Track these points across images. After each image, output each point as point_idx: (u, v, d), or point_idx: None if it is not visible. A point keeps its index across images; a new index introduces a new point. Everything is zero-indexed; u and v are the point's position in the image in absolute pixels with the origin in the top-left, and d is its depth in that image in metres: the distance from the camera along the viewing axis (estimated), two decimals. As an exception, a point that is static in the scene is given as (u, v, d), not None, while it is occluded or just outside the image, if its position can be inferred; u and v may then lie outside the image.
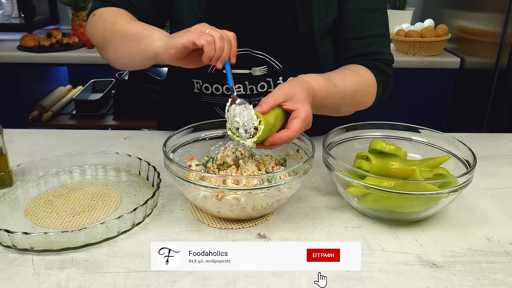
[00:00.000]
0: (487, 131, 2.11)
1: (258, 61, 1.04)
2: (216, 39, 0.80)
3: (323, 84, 0.91)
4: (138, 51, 0.91)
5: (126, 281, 0.70)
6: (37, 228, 0.82)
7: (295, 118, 0.81)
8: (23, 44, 2.34)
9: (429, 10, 2.77)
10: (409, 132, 0.98)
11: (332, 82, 0.94)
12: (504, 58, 2.04)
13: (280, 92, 0.83)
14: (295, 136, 0.81)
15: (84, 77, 2.82)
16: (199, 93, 1.09)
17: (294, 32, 1.01)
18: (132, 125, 2.43)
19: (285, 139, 0.80)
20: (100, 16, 1.02)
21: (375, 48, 1.05)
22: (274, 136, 0.80)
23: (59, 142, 1.19)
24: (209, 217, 0.85)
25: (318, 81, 0.90)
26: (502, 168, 1.09)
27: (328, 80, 0.93)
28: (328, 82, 0.93)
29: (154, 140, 1.19)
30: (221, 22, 1.02)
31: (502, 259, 0.77)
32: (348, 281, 0.70)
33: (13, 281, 0.69)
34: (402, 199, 0.80)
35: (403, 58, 2.31)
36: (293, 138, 0.81)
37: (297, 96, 0.83)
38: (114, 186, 0.96)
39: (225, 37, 0.81)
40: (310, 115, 0.83)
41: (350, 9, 1.04)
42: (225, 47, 0.80)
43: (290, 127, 0.81)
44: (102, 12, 1.02)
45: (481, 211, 0.91)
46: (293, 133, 0.80)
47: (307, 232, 0.83)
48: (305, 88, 0.86)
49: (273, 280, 0.70)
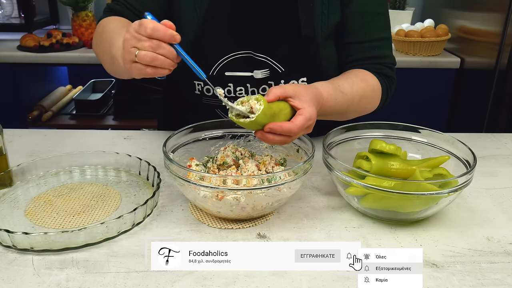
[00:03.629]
0: (487, 131, 2.11)
1: (260, 64, 1.04)
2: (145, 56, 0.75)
3: (332, 94, 0.92)
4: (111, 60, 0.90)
5: (126, 281, 0.70)
6: (37, 228, 0.82)
7: (300, 114, 0.81)
8: (23, 44, 2.34)
9: (429, 10, 2.77)
10: (409, 132, 0.98)
11: (340, 91, 0.94)
12: (504, 58, 2.03)
13: (291, 87, 0.82)
14: (295, 131, 0.80)
15: (84, 77, 2.82)
16: (200, 95, 1.09)
17: (296, 35, 1.01)
18: (132, 125, 2.44)
19: (285, 129, 0.79)
20: (98, 26, 1.03)
21: (378, 51, 1.06)
22: (274, 123, 0.79)
23: (59, 142, 1.19)
24: (209, 217, 0.85)
25: (328, 91, 0.91)
26: (502, 168, 1.09)
27: (337, 89, 0.94)
28: (336, 91, 0.93)
29: (154, 140, 1.19)
30: (223, 24, 1.02)
31: (502, 259, 0.77)
32: (348, 281, 0.70)
33: (13, 281, 0.69)
34: (402, 199, 0.80)
35: (403, 58, 2.31)
36: (293, 132, 0.80)
37: (305, 96, 0.83)
38: (114, 186, 0.96)
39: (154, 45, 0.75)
40: (314, 118, 0.83)
41: (354, 13, 1.04)
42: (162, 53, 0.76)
43: (292, 121, 0.80)
44: (100, 23, 1.03)
45: (481, 211, 0.91)
46: (294, 127, 0.79)
47: (307, 232, 0.83)
48: (316, 96, 0.86)
49: (273, 280, 0.70)
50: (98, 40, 1.01)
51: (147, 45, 0.75)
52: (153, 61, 0.76)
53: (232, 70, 1.04)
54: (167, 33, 0.75)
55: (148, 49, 0.75)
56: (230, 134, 0.99)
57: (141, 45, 0.75)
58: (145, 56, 0.75)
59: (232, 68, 1.04)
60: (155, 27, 0.75)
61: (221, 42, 1.03)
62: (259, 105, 0.78)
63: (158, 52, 0.76)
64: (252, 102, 0.79)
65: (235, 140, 0.99)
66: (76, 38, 2.41)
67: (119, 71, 0.91)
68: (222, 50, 1.03)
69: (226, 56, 1.03)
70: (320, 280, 0.70)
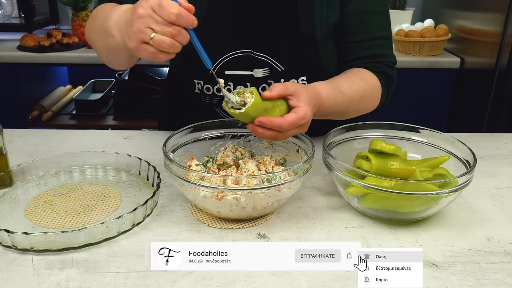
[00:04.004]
0: (487, 131, 2.11)
1: (260, 63, 1.04)
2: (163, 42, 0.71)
3: (331, 94, 0.92)
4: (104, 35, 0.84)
5: (126, 281, 0.70)
6: (37, 228, 0.82)
7: (293, 112, 0.81)
8: (23, 44, 2.34)
9: (429, 10, 2.77)
10: (409, 132, 0.98)
11: (340, 91, 0.94)
12: (504, 58, 2.03)
13: (293, 86, 0.82)
14: (285, 127, 0.79)
15: (84, 77, 2.82)
16: (200, 94, 1.09)
17: (296, 34, 1.01)
18: (132, 125, 2.43)
19: (275, 124, 0.78)
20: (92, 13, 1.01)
21: (378, 50, 1.06)
22: (265, 117, 0.78)
23: (59, 142, 1.19)
24: (209, 217, 0.85)
25: (327, 91, 0.91)
26: (502, 168, 1.09)
27: (336, 89, 0.94)
28: (335, 91, 0.93)
29: (154, 140, 1.19)
30: (223, 24, 1.02)
31: (502, 259, 0.77)
32: (348, 281, 0.70)
33: (13, 281, 0.69)
34: (402, 199, 0.80)
35: (403, 58, 2.31)
36: (283, 128, 0.79)
37: (304, 96, 0.83)
38: (114, 186, 0.96)
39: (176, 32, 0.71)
40: (308, 118, 0.83)
41: (353, 12, 1.04)
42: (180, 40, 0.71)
43: (284, 117, 0.80)
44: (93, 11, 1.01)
45: (481, 211, 0.91)
46: (284, 122, 0.79)
47: (307, 232, 0.83)
48: (314, 96, 0.86)
49: (273, 280, 0.70)
50: (92, 22, 0.96)
51: (167, 30, 0.70)
52: (170, 48, 0.72)
53: (232, 69, 1.04)
54: (190, 20, 0.71)
55: (167, 34, 0.71)
56: (230, 134, 0.99)
57: (161, 29, 0.71)
58: (163, 42, 0.71)
59: (232, 67, 1.04)
60: (180, 14, 0.70)
61: (221, 41, 1.03)
62: (250, 98, 0.79)
63: (176, 39, 0.72)
64: (246, 94, 0.80)
65: (235, 140, 0.99)
66: (76, 38, 2.41)
67: (114, 47, 0.85)
68: (222, 49, 1.03)
69: (226, 55, 1.03)
70: (320, 280, 0.70)
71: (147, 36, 0.72)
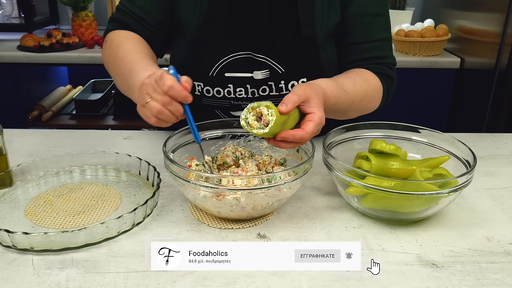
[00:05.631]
0: (487, 131, 2.11)
1: (260, 65, 1.04)
2: (153, 108, 0.78)
3: (335, 91, 0.91)
4: (127, 86, 0.94)
5: (126, 281, 0.70)
6: (37, 228, 0.82)
7: (310, 121, 0.81)
8: (23, 44, 2.34)
9: (429, 10, 2.77)
10: (409, 132, 0.98)
11: (343, 89, 0.94)
12: (504, 58, 2.04)
13: (303, 92, 0.82)
14: (307, 139, 0.80)
15: (84, 77, 2.82)
16: (200, 96, 1.09)
17: (296, 36, 1.01)
18: (132, 125, 2.43)
19: (297, 138, 0.79)
20: (110, 41, 1.05)
21: (379, 52, 1.06)
22: (287, 132, 0.79)
23: (59, 142, 1.19)
24: (209, 217, 0.85)
25: (331, 88, 0.91)
26: (502, 168, 1.09)
27: (339, 87, 0.94)
28: (339, 89, 0.93)
29: (154, 140, 1.19)
30: (223, 25, 1.02)
31: (502, 259, 0.77)
32: (348, 281, 0.70)
33: (13, 281, 0.69)
34: (402, 199, 0.80)
35: (403, 58, 2.31)
36: (305, 141, 0.81)
37: (314, 99, 0.83)
38: (114, 186, 0.96)
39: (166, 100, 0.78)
40: (323, 122, 0.83)
41: (354, 14, 1.04)
42: (171, 109, 0.79)
43: (304, 128, 0.80)
44: (111, 39, 1.04)
45: (481, 211, 0.91)
46: (306, 135, 0.80)
47: (307, 232, 0.83)
48: (321, 93, 0.86)
49: (273, 280, 0.70)
50: (112, 58, 1.02)
51: (159, 98, 0.78)
52: (159, 114, 0.79)
53: (232, 71, 1.04)
54: (181, 94, 0.78)
55: (159, 101, 0.78)
56: (230, 134, 0.99)
57: (155, 96, 0.79)
58: (153, 108, 0.79)
59: (232, 69, 1.04)
60: (172, 87, 0.77)
61: (221, 43, 1.03)
62: (270, 115, 0.78)
63: (167, 107, 0.78)
64: (262, 109, 0.79)
65: (235, 140, 0.99)
66: (76, 38, 2.41)
67: (130, 97, 0.95)
68: (222, 51, 1.03)
69: (226, 57, 1.03)
70: (320, 280, 0.70)
71: (144, 101, 0.80)
